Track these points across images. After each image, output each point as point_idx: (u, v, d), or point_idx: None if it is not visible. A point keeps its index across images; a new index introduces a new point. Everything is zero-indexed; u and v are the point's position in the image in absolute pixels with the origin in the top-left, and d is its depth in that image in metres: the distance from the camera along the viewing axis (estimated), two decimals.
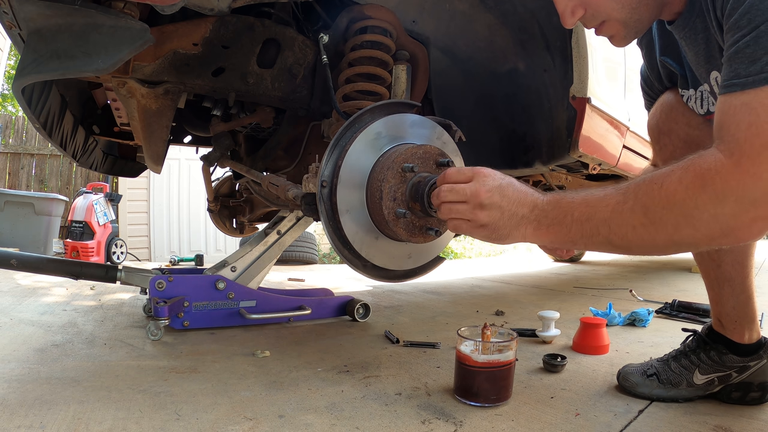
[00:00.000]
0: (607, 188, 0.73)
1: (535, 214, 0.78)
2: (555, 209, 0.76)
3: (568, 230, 0.74)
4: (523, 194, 0.79)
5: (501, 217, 0.79)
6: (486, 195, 0.78)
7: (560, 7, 0.86)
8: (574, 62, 1.36)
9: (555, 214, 0.76)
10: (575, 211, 0.74)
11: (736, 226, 0.63)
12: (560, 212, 0.75)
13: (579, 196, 0.75)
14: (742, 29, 0.64)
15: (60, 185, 5.98)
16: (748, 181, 0.61)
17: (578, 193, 0.75)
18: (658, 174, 0.68)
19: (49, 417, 0.94)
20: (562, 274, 3.74)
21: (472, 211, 0.80)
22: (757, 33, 0.62)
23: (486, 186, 0.79)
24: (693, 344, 1.11)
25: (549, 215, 0.76)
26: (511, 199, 0.79)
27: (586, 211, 0.73)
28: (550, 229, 0.77)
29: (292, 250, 4.40)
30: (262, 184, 1.56)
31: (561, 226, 0.75)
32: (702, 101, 0.95)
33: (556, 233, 0.76)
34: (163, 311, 1.52)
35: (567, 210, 0.74)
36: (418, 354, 1.44)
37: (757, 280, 1.09)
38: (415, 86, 1.56)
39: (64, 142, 1.66)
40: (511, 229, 0.79)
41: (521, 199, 0.79)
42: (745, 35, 0.63)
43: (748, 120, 0.62)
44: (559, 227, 0.75)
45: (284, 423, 0.95)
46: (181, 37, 1.28)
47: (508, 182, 0.80)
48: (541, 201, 0.78)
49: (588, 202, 0.73)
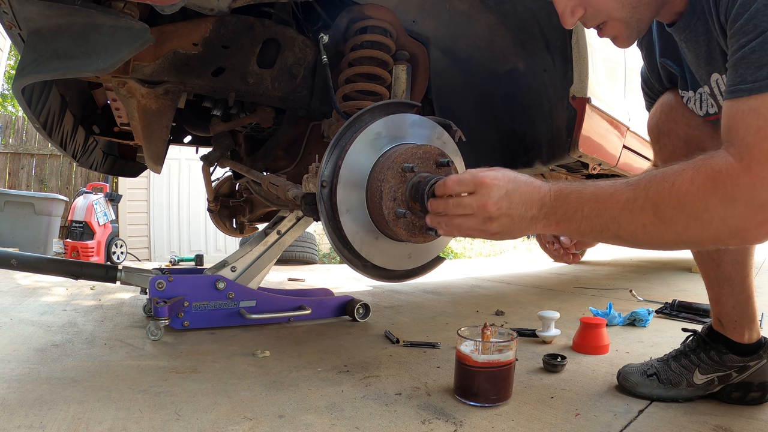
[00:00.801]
0: (617, 182, 0.73)
1: (543, 212, 0.78)
2: (564, 204, 0.76)
3: (578, 225, 0.75)
4: (529, 193, 0.79)
5: (511, 224, 0.79)
6: (494, 208, 0.78)
7: (560, 7, 0.86)
8: (574, 62, 1.36)
9: (565, 210, 0.76)
10: (585, 207, 0.74)
11: (743, 228, 0.64)
12: (570, 208, 0.75)
13: (588, 189, 0.75)
14: (747, 34, 0.64)
15: (60, 185, 5.98)
16: (758, 185, 0.62)
17: (587, 186, 0.75)
18: (670, 172, 0.68)
19: (49, 417, 0.94)
20: (562, 274, 3.74)
21: (483, 224, 0.80)
22: (763, 38, 0.63)
23: (492, 198, 0.78)
24: (693, 344, 1.11)
25: (558, 211, 0.77)
26: (519, 204, 0.78)
27: (596, 208, 0.73)
28: (560, 225, 0.77)
29: (292, 250, 4.40)
30: (262, 184, 1.57)
31: (571, 222, 0.76)
32: (701, 103, 0.95)
33: (566, 228, 0.77)
34: (163, 311, 1.52)
35: (577, 206, 0.75)
36: (418, 354, 1.44)
37: (757, 280, 1.09)
38: (415, 86, 1.56)
39: (64, 142, 1.66)
40: (522, 230, 0.80)
41: (529, 200, 0.78)
42: (751, 40, 0.64)
43: (756, 125, 0.63)
44: (569, 223, 0.76)
45: (284, 423, 0.95)
46: (181, 37, 1.28)
47: (513, 186, 0.79)
48: (548, 196, 0.78)
49: (598, 197, 0.73)
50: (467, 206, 0.80)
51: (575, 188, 0.76)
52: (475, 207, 0.79)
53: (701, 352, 1.08)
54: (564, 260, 1.06)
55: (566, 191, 0.77)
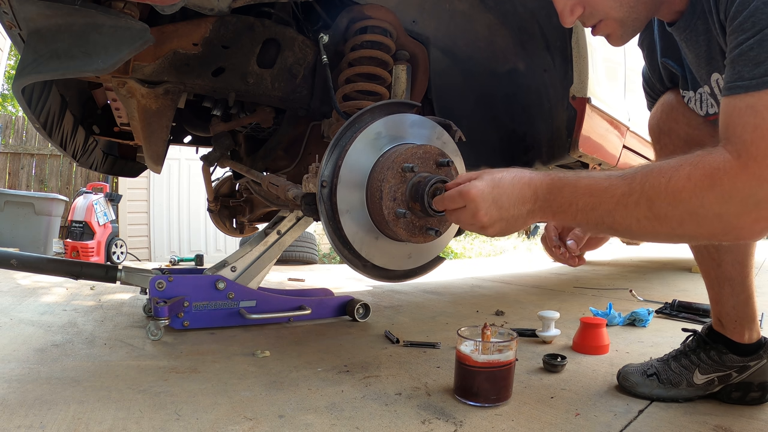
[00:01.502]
0: (612, 175, 0.73)
1: (538, 205, 0.79)
2: (558, 198, 0.77)
3: (573, 217, 0.76)
4: (518, 191, 0.80)
5: (507, 225, 0.82)
6: (486, 218, 0.81)
7: (559, 6, 0.86)
8: (574, 62, 1.36)
9: (560, 203, 0.77)
10: (580, 200, 0.74)
11: (738, 225, 0.64)
12: (564, 201, 0.76)
13: (582, 182, 0.75)
14: (746, 32, 0.64)
15: (60, 185, 5.98)
16: (755, 183, 0.62)
17: (581, 178, 0.76)
18: (666, 167, 0.68)
19: (49, 417, 0.94)
20: (562, 274, 3.74)
21: (482, 231, 0.84)
22: (761, 36, 0.62)
23: (481, 210, 0.80)
24: (693, 344, 1.11)
25: (553, 204, 0.78)
26: (509, 206, 0.80)
27: (591, 202, 0.73)
28: (556, 216, 0.79)
29: (292, 250, 4.40)
30: (262, 184, 1.57)
31: (566, 214, 0.77)
32: (702, 103, 0.95)
33: (562, 219, 0.79)
34: (163, 311, 1.52)
35: (571, 199, 0.75)
36: (418, 354, 1.44)
37: (757, 280, 1.09)
38: (415, 86, 1.55)
39: (64, 142, 1.66)
40: (521, 225, 0.83)
41: (520, 198, 0.80)
42: (749, 38, 0.64)
43: (753, 123, 0.63)
44: (564, 215, 0.77)
45: (284, 423, 0.95)
46: (181, 37, 1.28)
47: (499, 192, 0.80)
48: (541, 189, 0.79)
49: (593, 191, 0.73)
50: (463, 218, 0.85)
51: (569, 180, 0.77)
52: (469, 219, 0.83)
53: (701, 352, 1.08)
54: (569, 263, 1.07)
55: (559, 184, 0.77)
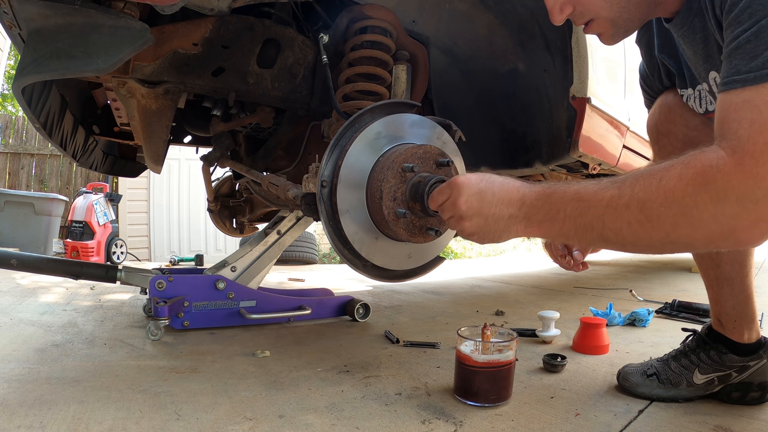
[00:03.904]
0: (603, 181, 0.71)
1: (524, 212, 0.76)
2: (546, 204, 0.74)
3: (561, 226, 0.72)
4: (507, 192, 0.77)
5: (486, 224, 0.79)
6: (464, 206, 0.79)
7: (549, 4, 0.86)
8: (574, 62, 1.36)
9: (546, 210, 0.74)
10: (567, 206, 0.71)
11: (736, 227, 0.61)
12: (552, 208, 0.73)
13: (571, 189, 0.72)
14: (742, 24, 0.62)
15: (60, 185, 5.98)
16: (751, 180, 0.58)
17: (570, 186, 0.73)
18: (658, 168, 0.66)
19: (49, 417, 0.94)
20: (562, 274, 3.74)
21: (458, 223, 0.81)
22: (758, 28, 0.60)
23: (462, 197, 0.78)
24: (693, 344, 1.11)
25: (540, 212, 0.74)
26: (492, 204, 0.77)
27: (579, 206, 0.70)
28: (542, 226, 0.75)
29: (292, 250, 4.40)
30: (262, 184, 1.57)
31: (553, 222, 0.73)
32: (701, 100, 0.95)
33: (548, 229, 0.75)
34: (163, 311, 1.52)
35: (559, 206, 0.72)
36: (418, 354, 1.44)
37: (757, 280, 1.09)
38: (415, 86, 1.56)
39: (64, 142, 1.66)
40: (501, 231, 0.79)
41: (506, 199, 0.77)
42: (746, 30, 0.62)
43: (750, 117, 0.60)
44: (551, 224, 0.73)
45: (284, 423, 0.95)
46: (181, 37, 1.28)
47: (487, 186, 0.78)
48: (530, 196, 0.76)
49: (581, 196, 0.70)
50: (446, 209, 0.83)
51: (558, 188, 0.74)
52: (448, 207, 0.81)
53: (701, 352, 1.08)
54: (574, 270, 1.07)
55: (548, 191, 0.74)
